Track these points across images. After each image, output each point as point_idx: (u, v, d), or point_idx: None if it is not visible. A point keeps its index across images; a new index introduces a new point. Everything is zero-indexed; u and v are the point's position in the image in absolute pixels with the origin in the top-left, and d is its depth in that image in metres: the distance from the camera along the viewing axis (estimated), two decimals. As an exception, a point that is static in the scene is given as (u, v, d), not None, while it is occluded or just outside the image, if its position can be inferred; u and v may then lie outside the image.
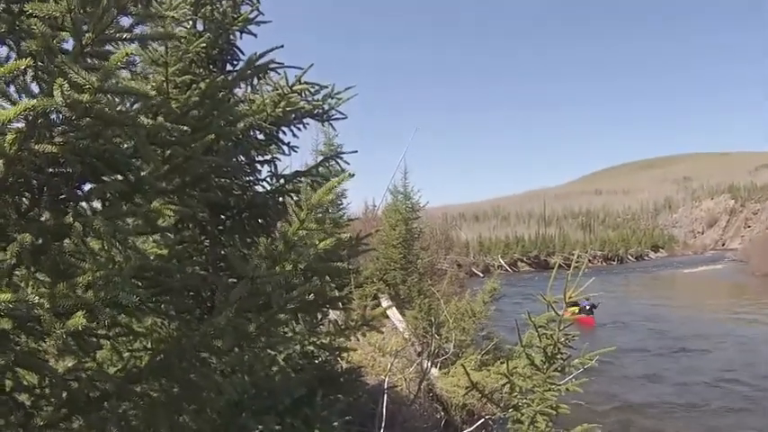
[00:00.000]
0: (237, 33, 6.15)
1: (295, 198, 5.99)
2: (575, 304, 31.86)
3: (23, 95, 2.81)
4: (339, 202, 20.01)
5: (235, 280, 4.81)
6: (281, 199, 6.02)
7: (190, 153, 3.49)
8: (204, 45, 5.54)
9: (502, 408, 8.48)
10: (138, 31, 3.00)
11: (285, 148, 6.18)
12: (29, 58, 2.48)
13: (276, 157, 6.15)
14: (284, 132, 6.05)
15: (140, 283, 3.50)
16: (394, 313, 18.58)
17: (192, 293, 5.27)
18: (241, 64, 6.15)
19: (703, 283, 65.22)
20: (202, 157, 3.65)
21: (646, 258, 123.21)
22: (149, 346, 4.53)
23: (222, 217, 5.80)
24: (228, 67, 6.25)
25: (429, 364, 13.94)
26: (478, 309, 18.68)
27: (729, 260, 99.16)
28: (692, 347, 25.90)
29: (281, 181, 6.16)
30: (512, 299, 34.75)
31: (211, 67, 6.11)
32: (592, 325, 31.04)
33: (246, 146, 5.61)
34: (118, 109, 3.02)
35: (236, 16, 6.03)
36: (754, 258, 75.08)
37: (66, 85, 2.40)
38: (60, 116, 2.69)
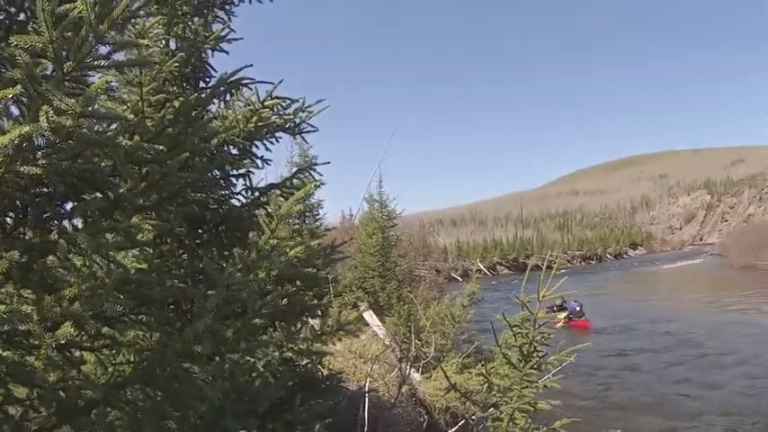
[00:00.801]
0: (209, 51, 6.27)
1: (269, 210, 6.14)
2: (562, 309, 31.42)
3: (4, 119, 2.94)
4: (316, 213, 20.10)
5: (213, 291, 4.95)
6: (256, 211, 6.13)
7: (166, 170, 3.64)
8: (177, 64, 5.67)
9: (482, 407, 8.62)
10: (115, 57, 3.15)
11: (259, 161, 6.31)
12: (16, 87, 2.63)
13: (250, 171, 6.26)
14: (257, 146, 6.17)
15: (122, 296, 3.62)
16: (373, 320, 18.69)
17: (172, 306, 5.38)
18: (213, 81, 6.29)
19: (684, 278, 65.76)
20: (179, 174, 3.79)
21: (625, 256, 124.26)
22: (131, 358, 4.66)
23: (199, 231, 5.92)
24: (201, 84, 6.37)
25: (409, 369, 14.07)
26: (458, 313, 18.81)
27: (708, 254, 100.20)
28: (690, 343, 25.93)
29: (256, 194, 6.28)
30: (492, 302, 34.96)
31: (185, 84, 6.23)
32: (588, 328, 30.26)
33: (221, 161, 5.73)
34: (97, 130, 3.16)
35: (207, 35, 6.15)
36: (732, 251, 76.09)
37: (52, 112, 2.55)
38: (44, 139, 2.83)
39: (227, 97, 6.13)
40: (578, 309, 31.46)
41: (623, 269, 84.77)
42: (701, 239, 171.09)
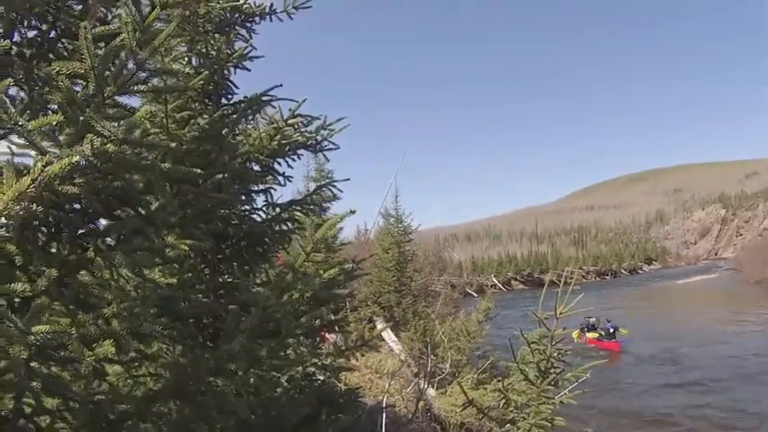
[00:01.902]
0: (231, 68, 6.34)
1: (290, 226, 6.21)
2: (592, 329, 31.31)
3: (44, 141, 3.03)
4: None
5: (234, 306, 5.02)
6: (277, 227, 6.19)
7: (201, 190, 3.72)
8: (202, 82, 5.74)
9: (499, 423, 8.64)
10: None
11: (280, 178, 6.37)
12: (59, 114, 2.72)
13: (272, 187, 6.32)
14: (279, 163, 6.23)
15: (152, 311, 3.70)
16: (389, 335, 18.72)
17: (193, 320, 5.44)
18: (236, 97, 6.37)
19: (699, 293, 65.28)
20: (212, 194, 3.88)
21: (639, 272, 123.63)
22: (157, 371, 4.73)
23: (222, 246, 5.98)
24: (223, 101, 6.44)
25: (426, 385, 14.10)
26: (473, 328, 18.83)
27: (723, 269, 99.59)
28: (704, 359, 25.94)
29: (277, 210, 6.34)
30: (506, 317, 34.83)
31: (207, 101, 6.30)
32: (616, 350, 29.06)
33: (245, 178, 5.79)
34: (135, 151, 3.24)
35: (230, 53, 6.23)
36: (747, 266, 75.54)
37: (97, 139, 2.63)
38: (84, 160, 2.91)
39: (254, 115, 6.20)
40: (612, 330, 30.64)
41: (638, 285, 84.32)
42: (715, 254, 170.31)
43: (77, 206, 3.40)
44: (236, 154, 5.32)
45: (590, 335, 31.68)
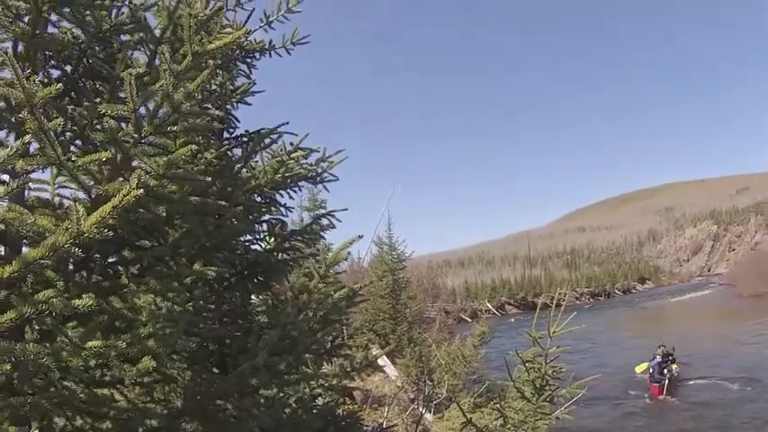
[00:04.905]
0: (234, 103, 6.60)
1: (292, 255, 6.47)
2: (666, 360, 27.13)
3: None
4: (325, 257, 20.31)
5: (238, 333, 5.31)
6: (279, 256, 6.44)
7: (220, 222, 4.01)
8: (209, 118, 6.00)
9: (497, 442, 8.84)
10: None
11: (282, 209, 6.62)
12: (107, 151, 3.01)
13: (273, 218, 6.57)
14: (281, 195, 6.49)
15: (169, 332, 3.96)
16: (386, 362, 18.89)
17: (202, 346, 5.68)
18: (238, 131, 6.64)
19: (692, 311, 65.23)
20: (232, 225, 4.17)
21: (633, 291, 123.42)
22: (161, 395, 4.98)
23: (226, 275, 6.23)
24: (225, 135, 6.70)
25: (423, 409, 14.32)
26: (468, 353, 19.03)
27: (717, 285, 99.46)
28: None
29: (278, 239, 6.58)
30: (501, 341, 34.90)
31: (210, 136, 6.56)
32: (655, 395, 24.74)
33: (250, 209, 6.05)
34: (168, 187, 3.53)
35: (233, 89, 6.51)
36: (741, 281, 75.56)
37: (144, 175, 2.92)
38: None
39: (262, 151, 6.45)
40: (667, 362, 26.57)
41: (632, 305, 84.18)
42: (708, 270, 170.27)
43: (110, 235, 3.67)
44: (248, 188, 5.59)
45: (642, 365, 27.83)
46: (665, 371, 25.86)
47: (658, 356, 26.65)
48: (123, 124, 3.34)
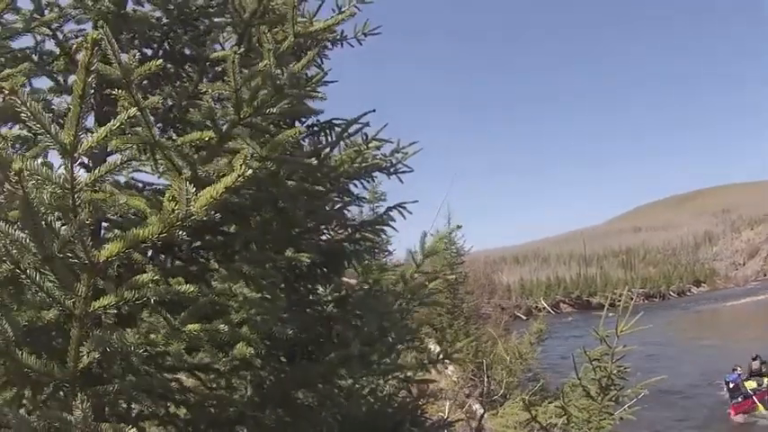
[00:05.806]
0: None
1: (363, 245, 6.43)
2: (759, 374, 25.52)
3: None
4: (386, 250, 20.31)
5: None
6: (352, 247, 6.40)
7: (312, 208, 3.99)
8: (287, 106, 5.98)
9: (558, 440, 8.76)
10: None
11: (356, 200, 6.58)
12: (210, 131, 2.98)
13: (345, 208, 6.53)
14: (355, 185, 6.46)
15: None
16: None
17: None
18: (309, 120, 6.63)
19: (752, 316, 63.89)
20: (325, 211, 4.14)
21: (688, 294, 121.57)
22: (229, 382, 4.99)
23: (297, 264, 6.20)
24: (297, 124, 6.67)
25: (478, 406, 14.24)
26: (525, 350, 18.89)
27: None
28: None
29: (349, 230, 6.54)
30: (555, 340, 34.59)
31: (281, 123, 6.55)
32: (730, 413, 23.05)
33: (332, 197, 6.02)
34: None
35: (307, 78, 6.49)
36: (797, 286, 73.91)
37: (250, 159, 2.90)
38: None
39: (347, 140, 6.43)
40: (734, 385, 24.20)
41: (687, 308, 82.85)
42: (765, 275, 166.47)
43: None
44: (334, 176, 5.56)
45: (748, 384, 24.70)
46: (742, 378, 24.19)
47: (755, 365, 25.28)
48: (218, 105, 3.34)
